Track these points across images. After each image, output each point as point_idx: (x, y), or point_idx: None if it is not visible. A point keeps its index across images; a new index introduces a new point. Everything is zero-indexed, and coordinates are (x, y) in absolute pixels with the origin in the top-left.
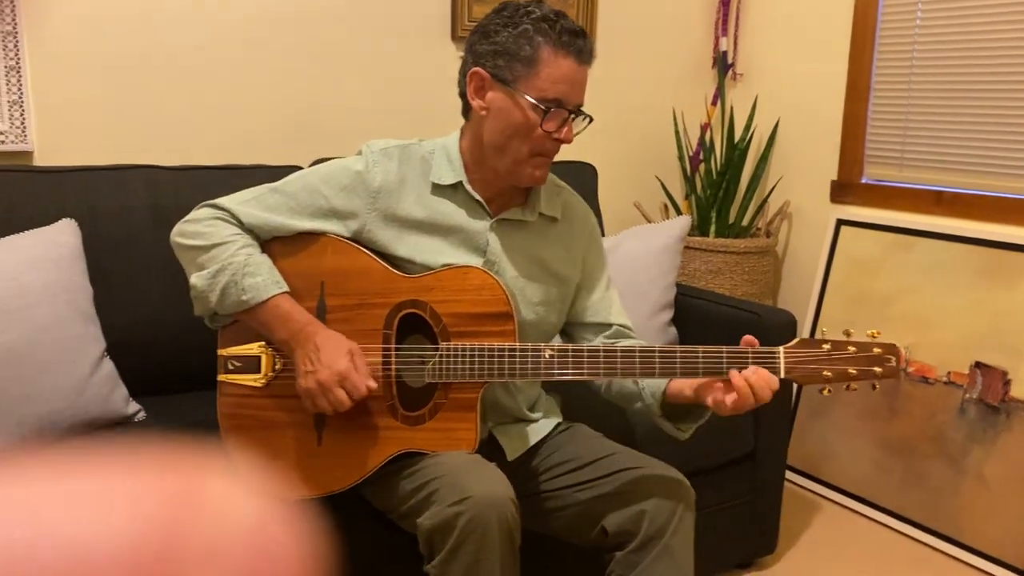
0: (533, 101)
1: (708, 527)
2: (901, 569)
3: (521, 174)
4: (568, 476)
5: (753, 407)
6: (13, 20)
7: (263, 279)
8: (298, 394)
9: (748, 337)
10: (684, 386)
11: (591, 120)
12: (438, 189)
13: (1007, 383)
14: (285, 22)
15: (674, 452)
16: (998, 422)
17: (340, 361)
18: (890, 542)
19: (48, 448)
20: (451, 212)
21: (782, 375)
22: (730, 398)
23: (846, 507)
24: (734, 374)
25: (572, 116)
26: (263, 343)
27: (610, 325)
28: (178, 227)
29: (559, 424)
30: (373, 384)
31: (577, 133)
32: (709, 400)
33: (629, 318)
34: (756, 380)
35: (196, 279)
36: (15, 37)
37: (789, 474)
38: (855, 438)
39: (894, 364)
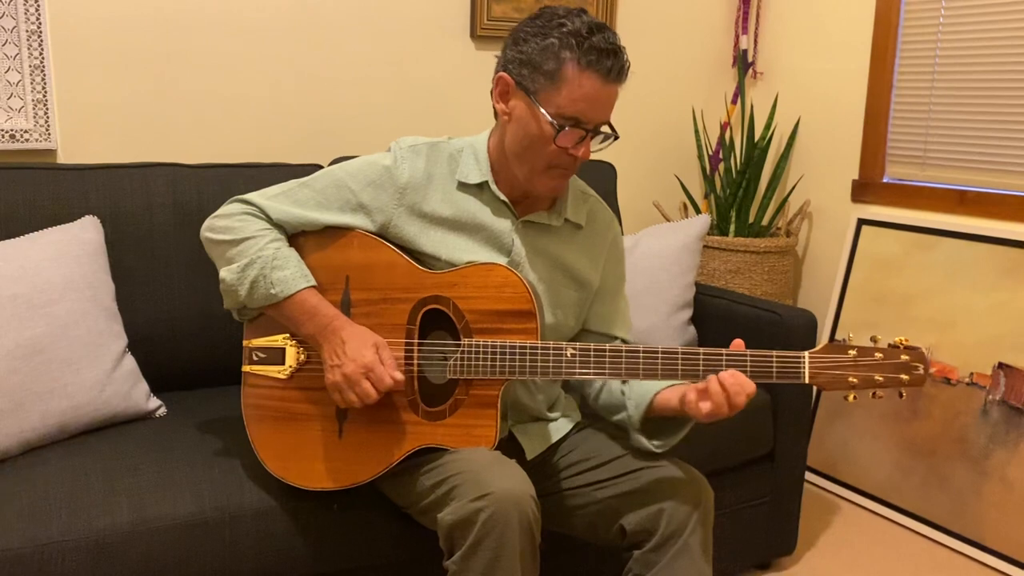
0: (548, 117)
1: (727, 527)
2: (922, 572)
3: (536, 183)
4: (586, 475)
5: (729, 414)
6: (38, 19)
7: (291, 273)
8: (325, 387)
9: (737, 341)
10: (672, 396)
11: (616, 137)
12: (464, 187)
13: None
14: (306, 21)
15: (693, 451)
16: (1022, 424)
17: (366, 354)
18: (911, 544)
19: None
20: (476, 210)
21: (806, 380)
22: (705, 405)
23: (866, 509)
24: (711, 379)
25: (590, 135)
26: (288, 335)
27: (613, 338)
28: (207, 222)
29: (577, 423)
30: (400, 376)
31: (600, 149)
32: (688, 406)
33: (631, 331)
34: (731, 384)
35: (225, 272)
36: (39, 36)
37: (809, 475)
38: (876, 439)
39: (922, 372)
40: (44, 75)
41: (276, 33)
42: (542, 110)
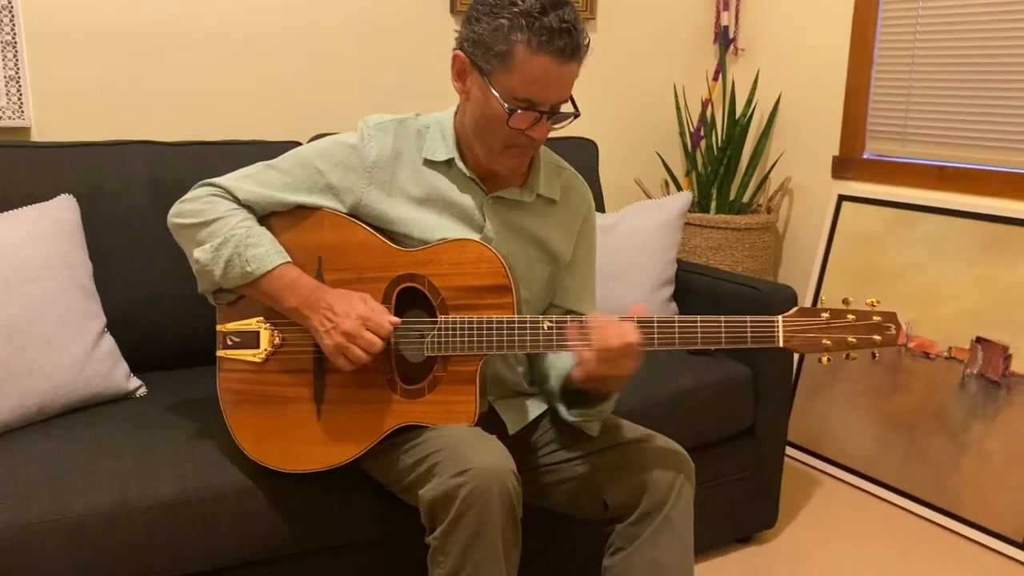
0: (500, 99)
1: (709, 502)
2: (901, 543)
3: (495, 163)
4: (568, 449)
5: (614, 363)
6: None
7: (266, 249)
8: (302, 370)
9: (638, 306)
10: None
11: (576, 116)
12: (431, 164)
13: (1008, 358)
14: None
15: (674, 426)
16: (999, 397)
17: (358, 306)
18: (890, 517)
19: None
20: (445, 188)
21: (781, 344)
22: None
23: (846, 482)
24: (588, 316)
25: (546, 116)
26: (262, 318)
27: (579, 314)
28: (175, 208)
29: None
30: (396, 319)
31: (560, 127)
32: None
33: (596, 308)
34: (596, 327)
35: (199, 253)
36: (11, 12)
37: (789, 450)
38: (856, 414)
39: (893, 332)
40: (16, 51)
41: (254, 10)
42: (494, 92)
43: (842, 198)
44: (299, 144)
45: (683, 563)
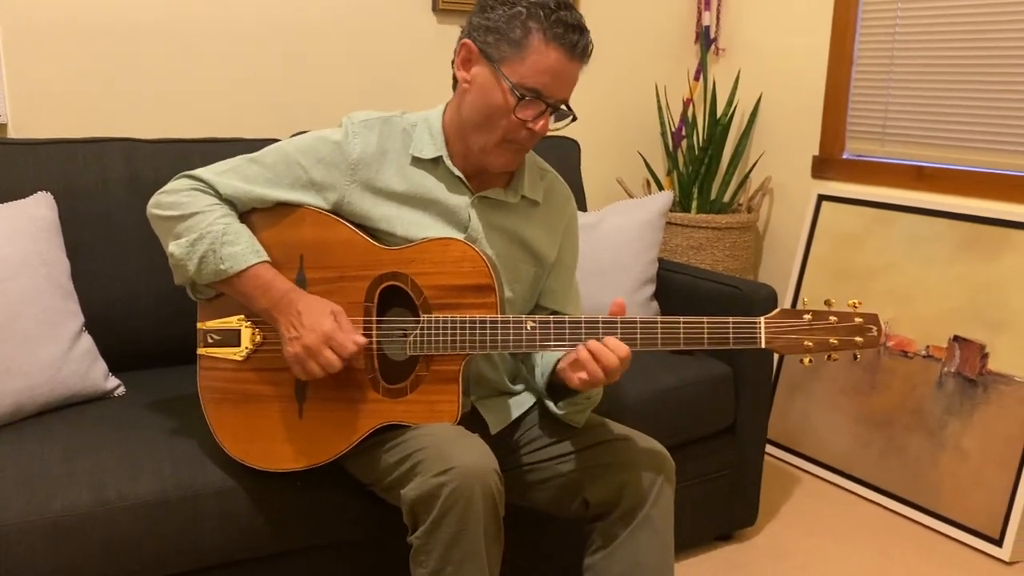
0: (511, 86)
1: (689, 499)
2: (879, 540)
3: (490, 157)
4: (549, 448)
5: (607, 380)
6: None
7: (242, 248)
8: (286, 362)
9: (619, 300)
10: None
11: (574, 118)
12: (418, 162)
13: (984, 356)
14: None
15: (655, 425)
16: (975, 395)
17: (324, 323)
18: (869, 514)
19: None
20: (432, 186)
21: (763, 345)
22: (580, 375)
23: (826, 480)
24: (579, 348)
25: (549, 110)
26: (243, 316)
27: (559, 314)
28: (154, 198)
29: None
30: (362, 340)
31: (557, 129)
32: (562, 374)
33: (581, 309)
34: (597, 347)
35: (174, 247)
36: None
37: (769, 448)
38: (835, 412)
39: (875, 334)
40: None
41: (234, 7)
42: (505, 79)
43: (822, 198)
44: (279, 141)
45: (663, 561)
